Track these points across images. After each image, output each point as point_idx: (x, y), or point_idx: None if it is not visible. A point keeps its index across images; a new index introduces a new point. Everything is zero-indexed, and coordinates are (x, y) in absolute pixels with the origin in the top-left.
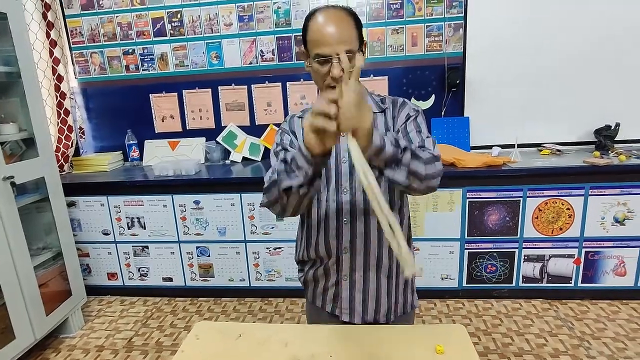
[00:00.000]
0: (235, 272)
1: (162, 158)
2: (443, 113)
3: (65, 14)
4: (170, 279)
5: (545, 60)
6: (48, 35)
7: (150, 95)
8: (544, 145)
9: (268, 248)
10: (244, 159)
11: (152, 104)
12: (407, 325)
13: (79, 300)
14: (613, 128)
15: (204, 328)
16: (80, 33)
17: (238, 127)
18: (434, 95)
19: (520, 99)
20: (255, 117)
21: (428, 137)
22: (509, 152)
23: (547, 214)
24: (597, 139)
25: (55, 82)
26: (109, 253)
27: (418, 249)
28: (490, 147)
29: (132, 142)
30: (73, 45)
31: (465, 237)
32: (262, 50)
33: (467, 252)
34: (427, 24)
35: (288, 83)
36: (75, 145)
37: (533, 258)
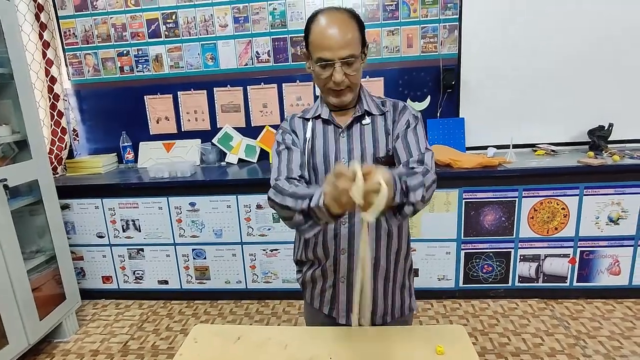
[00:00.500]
0: (232, 274)
1: (157, 160)
2: (438, 114)
3: (59, 15)
4: (166, 282)
5: (540, 62)
6: (41, 37)
7: (145, 97)
8: (539, 146)
9: (265, 250)
10: (240, 161)
11: (146, 106)
12: (406, 327)
13: (73, 304)
14: (606, 128)
15: (202, 331)
16: (74, 34)
17: (234, 128)
18: (430, 97)
19: (515, 100)
20: (251, 118)
21: (427, 149)
22: (504, 152)
23: (542, 214)
24: (590, 140)
25: (49, 83)
26: (104, 256)
27: (415, 250)
28: (486, 147)
29: (126, 144)
30: (66, 47)
31: (462, 237)
32: (257, 52)
33: (463, 252)
34: (422, 26)
35: (284, 84)
36: (69, 148)
37: (529, 258)
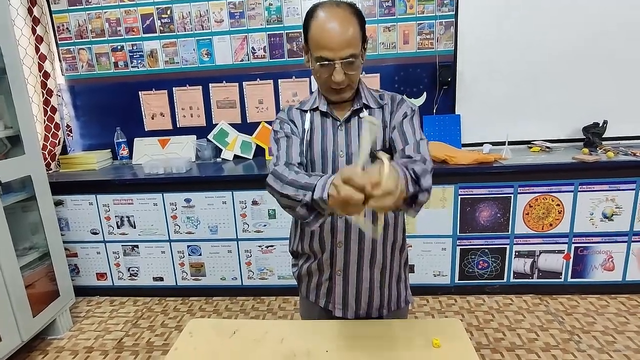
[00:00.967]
0: (227, 270)
1: (152, 156)
2: (435, 110)
3: (52, 10)
4: (161, 279)
5: (536, 59)
6: (34, 31)
7: (140, 93)
8: (534, 143)
9: (260, 246)
10: (236, 157)
11: (141, 102)
12: (403, 320)
13: (67, 301)
14: (601, 125)
15: (198, 325)
16: (67, 29)
17: (229, 124)
18: (426, 93)
19: (511, 97)
20: (247, 114)
21: (422, 139)
22: (500, 149)
23: (537, 210)
24: (585, 136)
25: (42, 78)
26: (98, 253)
27: (411, 246)
28: (481, 144)
29: (121, 140)
30: (60, 42)
31: (457, 233)
32: (253, 47)
33: (459, 248)
34: (418, 22)
35: (280, 80)
36: (63, 144)
37: (524, 254)
